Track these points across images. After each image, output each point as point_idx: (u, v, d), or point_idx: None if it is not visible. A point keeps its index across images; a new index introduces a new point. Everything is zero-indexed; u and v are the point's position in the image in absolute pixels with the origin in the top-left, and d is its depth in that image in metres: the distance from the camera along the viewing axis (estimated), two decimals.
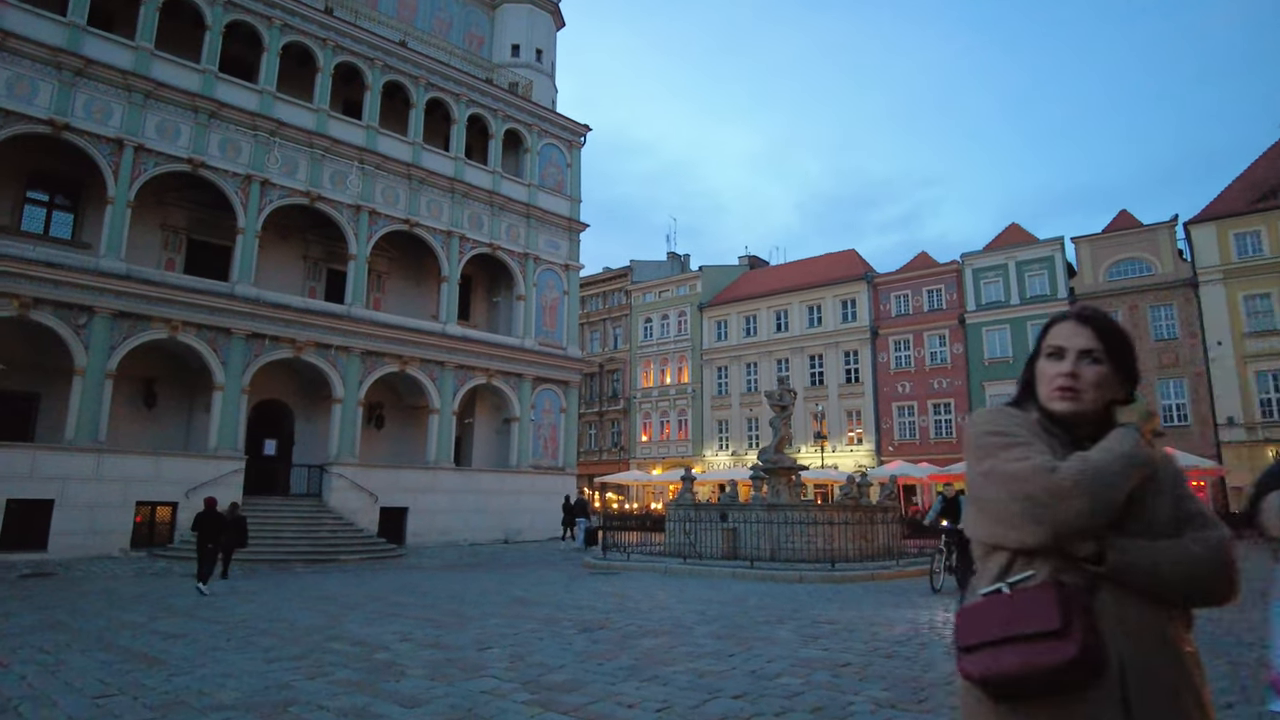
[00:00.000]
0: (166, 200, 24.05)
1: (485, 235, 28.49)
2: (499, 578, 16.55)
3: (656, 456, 51.23)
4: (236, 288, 22.98)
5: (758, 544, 17.33)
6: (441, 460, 26.40)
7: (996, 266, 42.11)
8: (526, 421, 28.68)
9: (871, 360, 44.37)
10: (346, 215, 25.41)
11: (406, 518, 25.33)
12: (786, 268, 52.77)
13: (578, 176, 31.72)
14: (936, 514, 13.74)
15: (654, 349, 52.78)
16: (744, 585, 14.42)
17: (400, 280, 28.72)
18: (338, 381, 24.53)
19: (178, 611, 11.03)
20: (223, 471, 21.88)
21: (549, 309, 30.08)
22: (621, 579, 15.75)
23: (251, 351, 23.15)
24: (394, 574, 17.99)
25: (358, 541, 22.33)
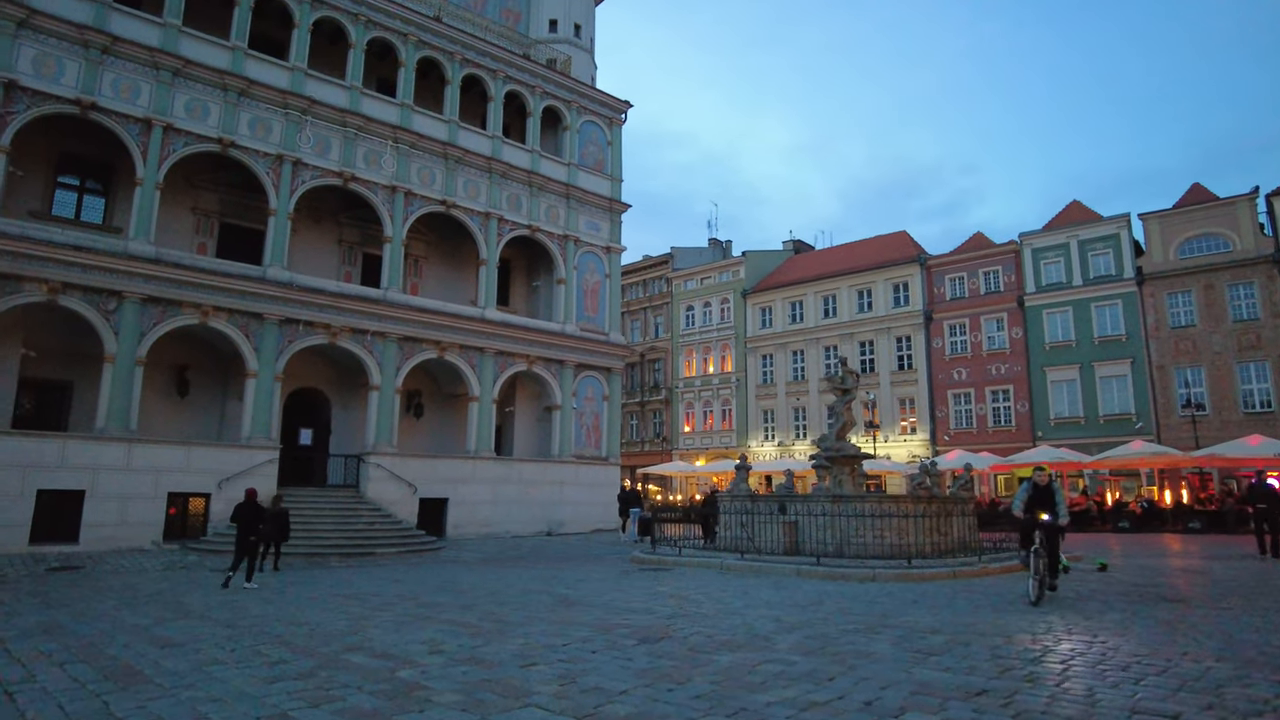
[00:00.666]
0: (197, 183, 23.21)
1: (524, 217, 27.25)
2: (542, 574, 15.29)
3: (700, 447, 49.80)
4: (269, 271, 22.03)
5: (821, 538, 15.82)
6: (482, 450, 25.28)
7: (1057, 246, 39.84)
8: (568, 409, 27.44)
9: (925, 346, 42.39)
10: (381, 196, 24.35)
11: (446, 509, 24.25)
12: (834, 251, 50.85)
13: (619, 155, 30.33)
14: (1024, 502, 10.56)
15: (696, 337, 51.29)
16: (812, 585, 12.94)
17: (437, 265, 27.63)
18: (374, 368, 23.50)
19: (190, 613, 9.92)
20: (256, 461, 20.97)
21: (590, 293, 28.77)
22: (675, 577, 14.37)
23: (285, 337, 22.20)
24: (431, 568, 16.85)
25: (395, 534, 21.28)
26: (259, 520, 14.13)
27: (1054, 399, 39.10)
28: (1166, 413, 35.18)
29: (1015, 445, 38.13)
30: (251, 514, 14.05)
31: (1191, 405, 32.44)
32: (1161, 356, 35.84)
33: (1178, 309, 35.84)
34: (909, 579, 13.45)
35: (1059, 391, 39.11)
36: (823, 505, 16.16)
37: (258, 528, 14.01)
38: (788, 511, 16.85)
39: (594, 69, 31.04)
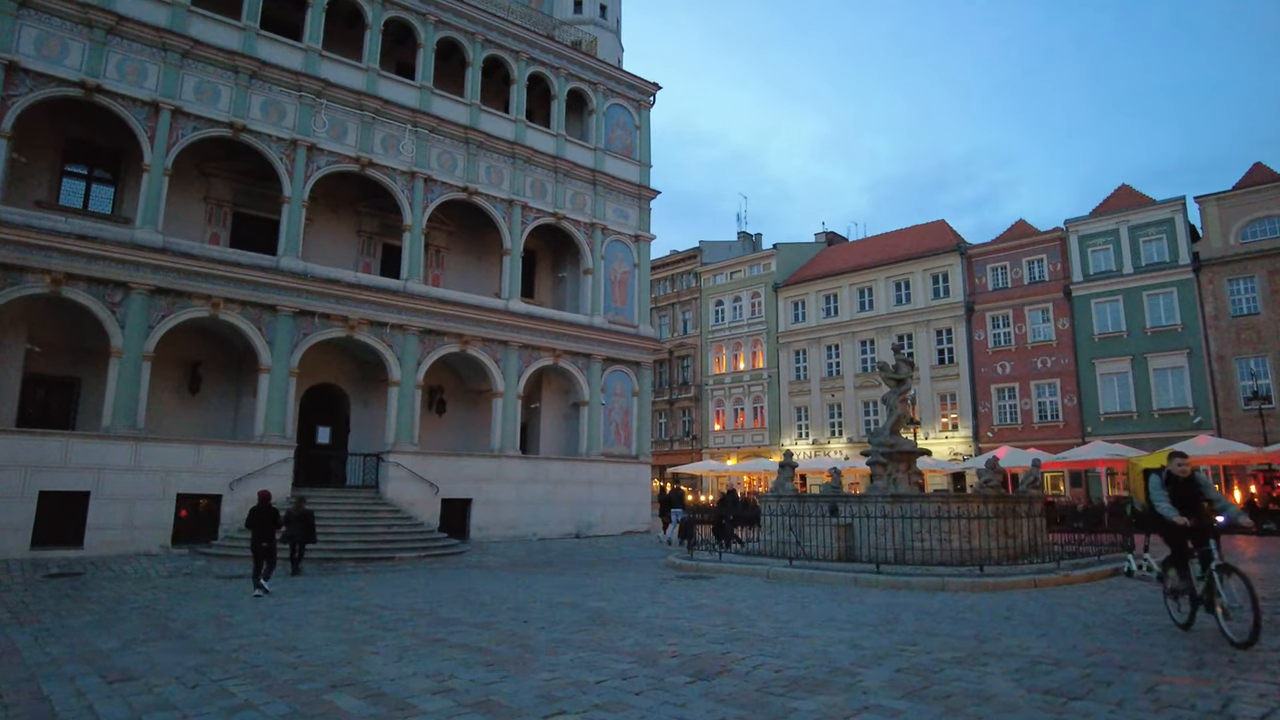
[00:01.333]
0: (209, 171, 22.08)
1: (549, 204, 25.85)
2: (571, 582, 13.85)
3: (730, 446, 48.20)
4: (282, 261, 20.83)
5: (879, 542, 14.21)
6: (507, 447, 23.92)
7: (1106, 233, 37.75)
8: (597, 405, 26.00)
9: (967, 339, 40.46)
10: (400, 183, 23.08)
11: (470, 510, 22.91)
12: (868, 242, 48.96)
13: (647, 139, 28.83)
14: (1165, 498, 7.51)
15: (726, 333, 49.68)
16: (876, 597, 11.37)
17: (459, 255, 26.33)
18: (394, 363, 22.22)
19: (170, 632, 8.59)
20: (270, 461, 19.77)
21: (618, 284, 27.31)
22: (717, 586, 12.86)
23: (300, 330, 20.99)
24: (452, 575, 15.47)
25: (416, 536, 19.97)
26: (274, 524, 13.19)
27: (1104, 393, 37.02)
28: (1228, 406, 33.00)
29: (1063, 441, 36.11)
30: (266, 517, 13.11)
31: (1258, 398, 30.26)
32: (1221, 347, 33.65)
33: (1239, 296, 33.65)
34: (984, 588, 11.84)
35: (1109, 385, 37.03)
36: (880, 505, 14.55)
37: (272, 532, 13.08)
38: (839, 513, 15.26)
39: (620, 51, 29.60)
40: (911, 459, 16.46)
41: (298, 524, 15.62)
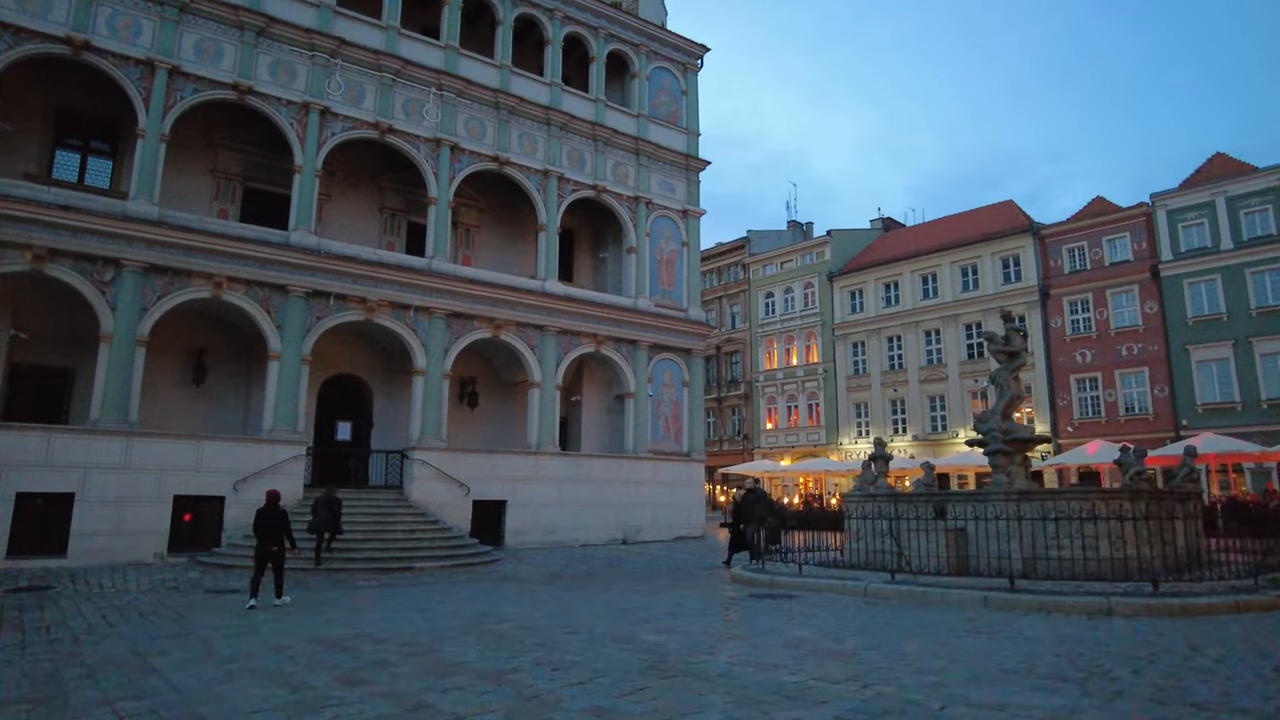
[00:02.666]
0: (216, 141, 19.86)
1: (588, 175, 23.16)
2: (618, 601, 11.05)
3: (784, 445, 44.96)
4: (293, 236, 18.47)
5: (1002, 550, 11.16)
6: (545, 444, 21.25)
7: (1200, 206, 33.77)
8: (643, 397, 23.20)
9: (1042, 326, 36.70)
10: (424, 151, 20.60)
11: (504, 513, 20.27)
12: (930, 226, 45.37)
13: (695, 106, 26.00)
14: None
15: (777, 326, 46.50)
16: (1029, 624, 8.33)
17: (491, 235, 23.78)
18: (418, 349, 19.71)
19: (62, 679, 6.00)
20: (279, 459, 17.37)
21: (665, 263, 24.49)
22: (806, 609, 9.94)
23: (313, 313, 18.59)
24: (476, 590, 12.78)
25: (441, 543, 17.37)
26: (283, 528, 11.27)
27: (1201, 382, 33.03)
28: None
29: (1154, 436, 32.22)
30: (274, 521, 11.20)
31: None
32: None
33: None
34: (1167, 612, 8.73)
35: (1207, 373, 33.01)
36: (1001, 505, 11.48)
37: (281, 538, 11.22)
38: (948, 515, 12.22)
39: (664, 13, 26.82)
40: (1028, 448, 13.33)
41: (325, 511, 15.08)
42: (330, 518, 15.36)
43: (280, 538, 11.42)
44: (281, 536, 11.46)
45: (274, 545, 11.24)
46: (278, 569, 11.32)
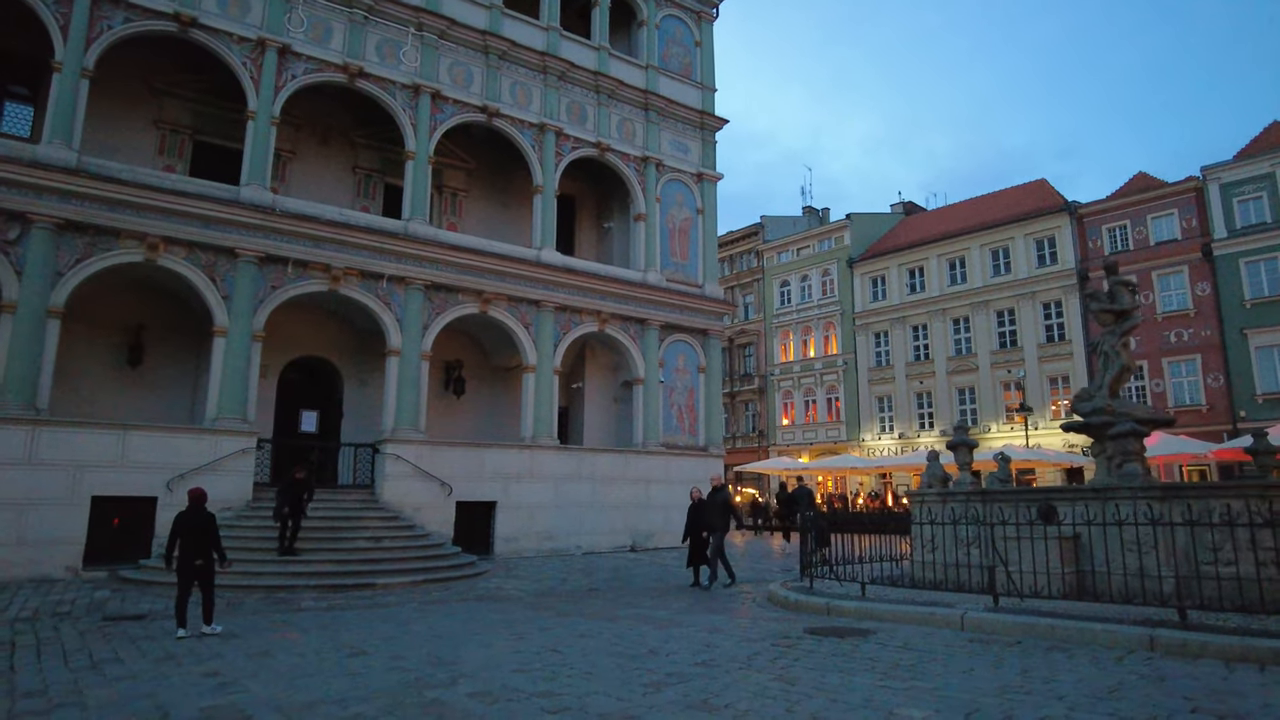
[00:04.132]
0: (160, 88, 16.96)
1: (590, 132, 20.17)
2: (627, 636, 8.04)
3: (801, 442, 41.90)
4: (244, 191, 15.54)
5: (1138, 565, 8.13)
6: (541, 436, 18.26)
7: (1258, 179, 30.62)
8: (654, 384, 20.19)
9: (1080, 312, 33.50)
10: (401, 99, 17.66)
11: (493, 516, 17.29)
12: (958, 208, 42.22)
13: (710, 58, 22.96)
14: None
15: (793, 316, 43.43)
16: (1250, 685, 5.31)
17: (481, 201, 20.80)
18: (393, 326, 16.76)
19: None
20: (223, 452, 14.43)
21: (678, 233, 21.47)
22: (894, 653, 6.92)
23: (267, 282, 15.66)
24: (445, 619, 9.80)
25: (415, 553, 14.38)
26: (208, 536, 8.77)
27: (1261, 370, 29.87)
28: None
29: (1208, 429, 29.12)
30: (198, 527, 8.74)
31: None
32: None
33: None
34: None
35: (1267, 359, 29.86)
36: (1133, 503, 8.45)
37: (208, 547, 8.71)
38: (1057, 518, 9.19)
39: None
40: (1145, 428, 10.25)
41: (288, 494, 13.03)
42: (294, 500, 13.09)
43: (206, 548, 8.73)
44: (207, 547, 8.76)
45: (198, 558, 8.59)
46: (206, 588, 8.64)
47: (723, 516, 12.95)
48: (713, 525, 12.88)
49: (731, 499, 13.44)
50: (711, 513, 12.91)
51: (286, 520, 13.09)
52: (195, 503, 8.94)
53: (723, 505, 13.08)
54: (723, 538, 12.97)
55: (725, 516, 13.03)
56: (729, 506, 13.29)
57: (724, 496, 13.27)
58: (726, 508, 13.17)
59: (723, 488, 13.55)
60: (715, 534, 12.83)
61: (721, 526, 12.89)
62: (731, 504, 13.49)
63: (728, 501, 13.23)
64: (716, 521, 12.87)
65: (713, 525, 12.88)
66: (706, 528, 12.87)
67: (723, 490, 13.45)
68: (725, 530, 13.01)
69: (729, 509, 13.28)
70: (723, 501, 13.14)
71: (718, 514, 12.90)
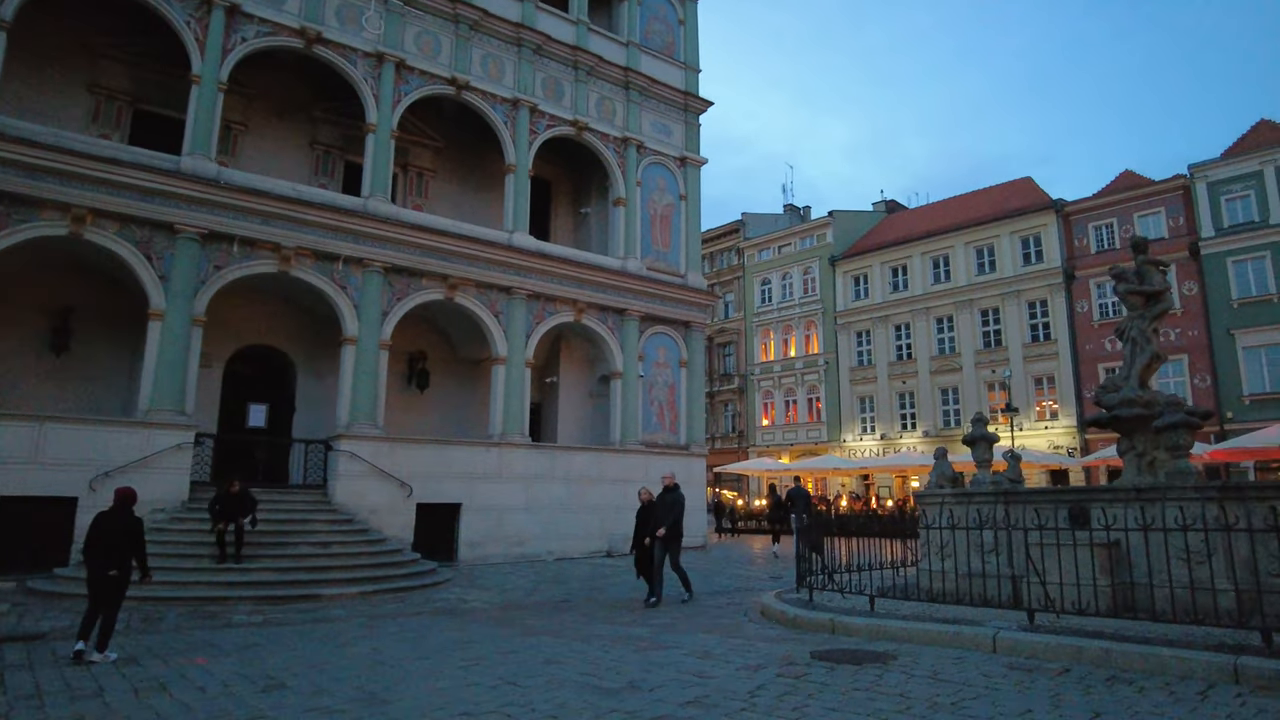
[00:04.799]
0: (98, 49, 15.43)
1: (566, 109, 18.88)
2: (601, 661, 6.74)
3: (781, 443, 40.84)
4: (185, 162, 14.07)
5: (1191, 577, 6.99)
6: (511, 434, 16.92)
7: (1245, 176, 30.07)
8: (633, 378, 18.92)
9: (1066, 311, 32.85)
10: (363, 68, 16.26)
11: (458, 519, 15.92)
12: (941, 206, 41.42)
13: (694, 38, 21.78)
14: None
15: (774, 315, 42.41)
16: None
17: (450, 183, 19.41)
18: (349, 311, 15.34)
19: None
20: (157, 447, 12.95)
21: (660, 220, 20.24)
22: (920, 686, 5.68)
23: (210, 261, 14.19)
24: (392, 637, 8.44)
25: (367, 560, 12.98)
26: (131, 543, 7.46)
27: (1248, 370, 29.28)
28: None
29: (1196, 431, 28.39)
30: (117, 532, 7.40)
31: None
32: None
33: None
34: None
35: (1254, 360, 29.28)
36: (1181, 505, 7.31)
37: (127, 558, 7.43)
38: (1090, 522, 8.03)
39: None
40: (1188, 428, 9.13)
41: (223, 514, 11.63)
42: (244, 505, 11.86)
43: (125, 557, 7.36)
44: (127, 555, 7.39)
45: (113, 568, 7.25)
46: (111, 606, 7.23)
47: (676, 522, 11.06)
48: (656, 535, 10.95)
49: (682, 501, 11.24)
50: (663, 517, 11.00)
51: (227, 524, 11.66)
52: (122, 503, 7.64)
53: (673, 508, 11.09)
54: (678, 546, 11.11)
55: (678, 521, 11.12)
56: (676, 510, 11.11)
57: (677, 498, 11.21)
58: (678, 511, 11.16)
59: (675, 488, 11.32)
60: (668, 543, 10.96)
61: (674, 532, 11.01)
62: (679, 508, 11.12)
63: (678, 504, 11.14)
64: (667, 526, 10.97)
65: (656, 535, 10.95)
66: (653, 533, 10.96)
67: (675, 491, 11.30)
68: (679, 537, 11.10)
69: (681, 513, 11.20)
70: (674, 504, 11.12)
71: (670, 518, 10.99)
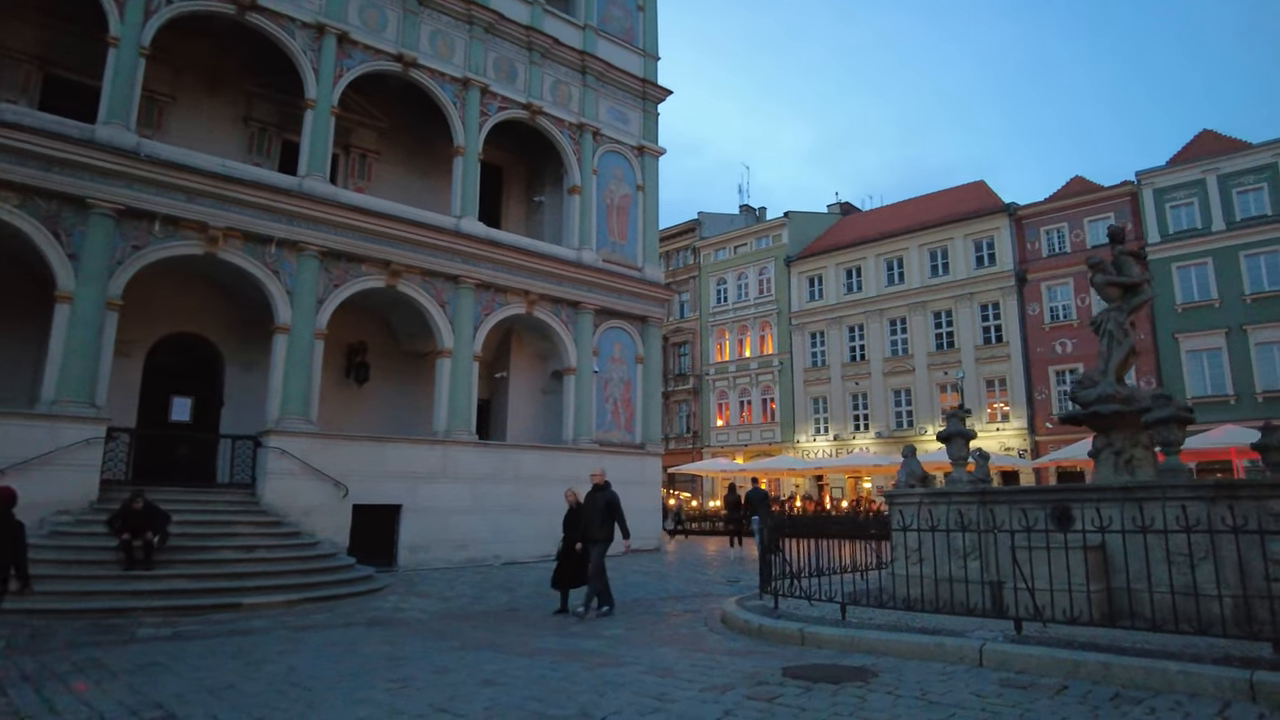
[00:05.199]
0: (4, 9, 14.07)
1: (520, 92, 17.99)
2: (547, 682, 5.91)
3: (735, 444, 40.43)
4: (100, 131, 12.84)
5: (1184, 582, 6.49)
6: (457, 430, 15.96)
7: (1189, 184, 30.60)
8: (587, 374, 18.11)
9: (1018, 314, 33.06)
10: (302, 40, 15.15)
11: (399, 521, 14.91)
12: (896, 208, 41.51)
13: (654, 25, 21.08)
14: None
15: (729, 315, 42.00)
16: None
17: (395, 165, 18.36)
18: (281, 298, 14.23)
19: None
20: (63, 442, 11.70)
21: (616, 210, 19.46)
22: (907, 704, 5.01)
23: (127, 241, 12.97)
24: (318, 652, 7.51)
25: (296, 565, 11.91)
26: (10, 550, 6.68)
27: (1191, 373, 29.76)
28: None
29: None
30: None
31: None
32: None
33: None
34: None
35: (1197, 363, 29.78)
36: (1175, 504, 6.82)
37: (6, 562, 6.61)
38: (1073, 523, 7.51)
39: None
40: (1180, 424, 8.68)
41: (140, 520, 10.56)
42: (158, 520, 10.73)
43: (6, 562, 6.40)
44: (5, 563, 6.40)
45: None
46: None
47: (605, 525, 9.85)
48: (590, 535, 9.84)
49: (616, 500, 9.99)
50: (590, 519, 9.91)
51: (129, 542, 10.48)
52: (1, 505, 6.60)
53: (605, 510, 9.91)
54: (604, 552, 9.87)
55: (609, 524, 9.91)
56: (615, 512, 9.94)
57: (608, 498, 10.00)
58: (611, 513, 9.94)
59: (606, 487, 10.12)
60: (594, 547, 9.82)
61: (603, 537, 9.80)
62: (617, 508, 9.94)
63: (613, 505, 9.95)
64: (595, 531, 9.81)
65: (590, 535, 9.84)
66: (583, 538, 9.89)
67: (606, 490, 10.10)
68: (608, 542, 9.89)
69: (614, 515, 9.96)
70: (605, 505, 9.93)
71: (598, 521, 9.84)
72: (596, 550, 9.81)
